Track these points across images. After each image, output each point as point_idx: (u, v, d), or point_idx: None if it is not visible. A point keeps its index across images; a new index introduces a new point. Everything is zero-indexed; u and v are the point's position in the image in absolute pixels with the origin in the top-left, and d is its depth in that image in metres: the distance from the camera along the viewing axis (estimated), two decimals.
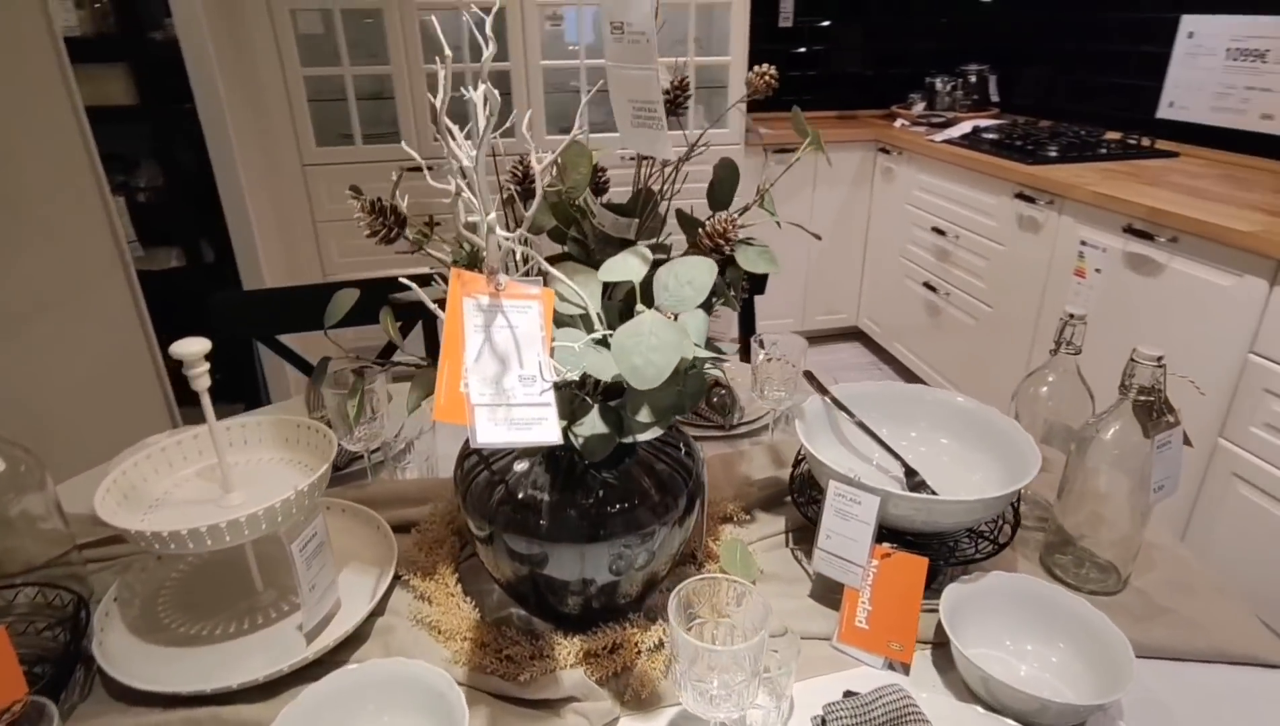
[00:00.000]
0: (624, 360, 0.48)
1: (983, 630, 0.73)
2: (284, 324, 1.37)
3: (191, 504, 0.75)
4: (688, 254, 0.70)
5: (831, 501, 0.75)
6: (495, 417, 0.48)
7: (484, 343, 0.50)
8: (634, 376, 0.48)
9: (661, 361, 0.48)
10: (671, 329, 0.49)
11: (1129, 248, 1.79)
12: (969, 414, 0.86)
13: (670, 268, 0.53)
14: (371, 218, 0.58)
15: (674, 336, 0.48)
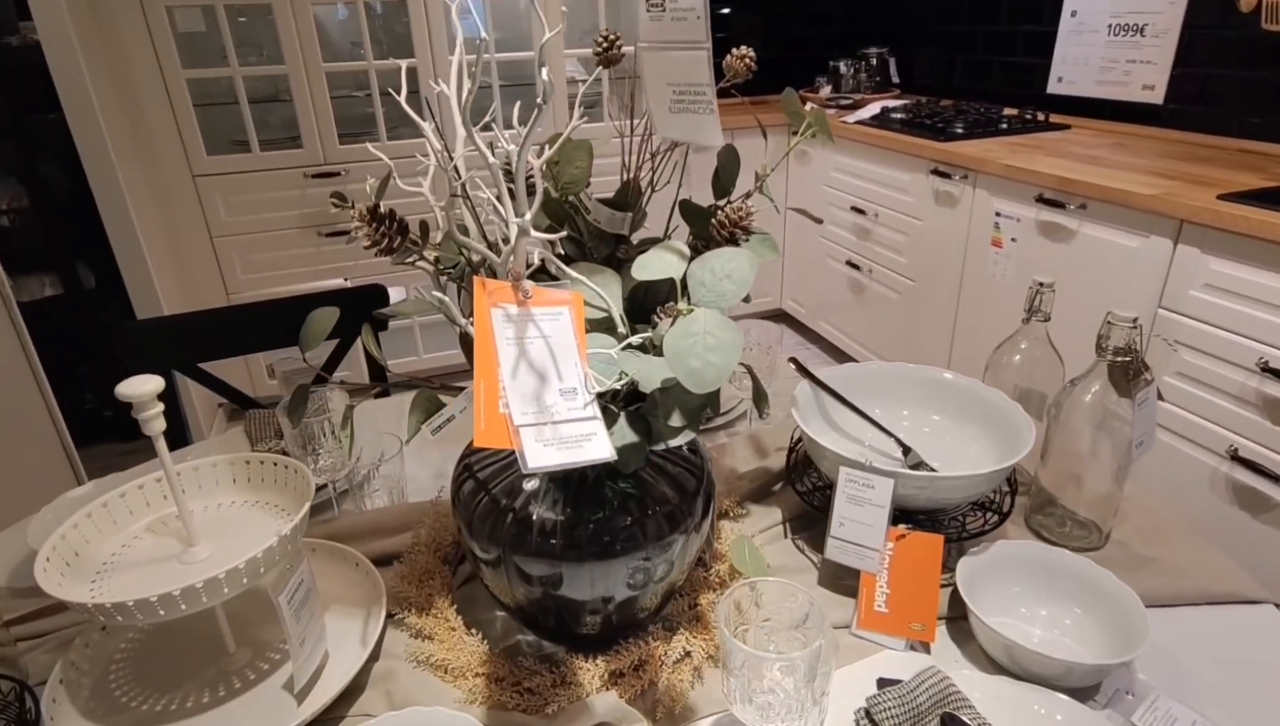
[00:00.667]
0: (679, 363, 0.45)
1: (996, 599, 0.74)
2: (205, 351, 1.25)
3: (149, 564, 0.66)
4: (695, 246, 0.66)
5: (843, 488, 0.74)
6: (543, 438, 0.44)
7: (518, 356, 0.45)
8: (691, 380, 0.45)
9: (721, 362, 0.45)
10: (728, 327, 0.46)
11: (1041, 216, 1.89)
12: (956, 389, 0.88)
13: (705, 262, 0.50)
14: (372, 227, 0.52)
15: (731, 335, 0.45)
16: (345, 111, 2.52)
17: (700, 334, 0.45)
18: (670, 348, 0.46)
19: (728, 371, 0.44)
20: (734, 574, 0.80)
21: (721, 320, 0.46)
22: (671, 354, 0.45)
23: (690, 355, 0.45)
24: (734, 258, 0.50)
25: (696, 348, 0.45)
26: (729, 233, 0.59)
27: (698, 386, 0.45)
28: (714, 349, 0.45)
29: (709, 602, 0.76)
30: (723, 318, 0.46)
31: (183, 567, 0.65)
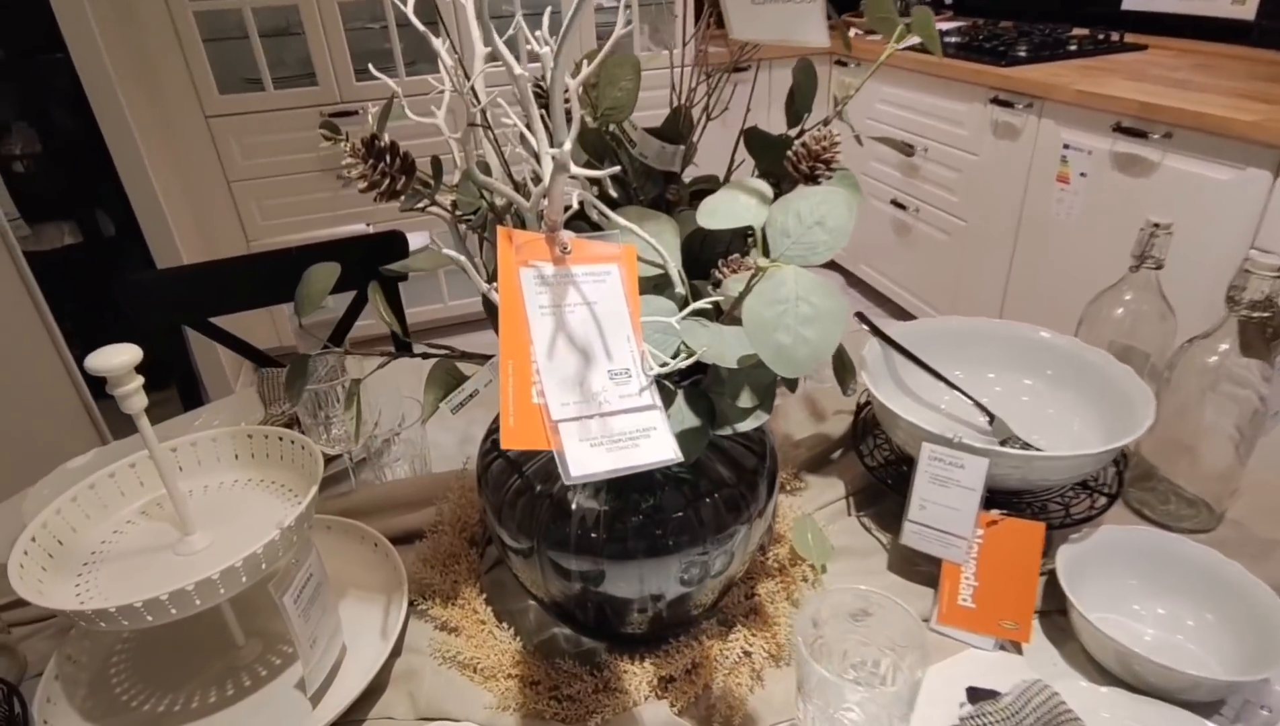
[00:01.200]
0: (764, 338, 0.35)
1: (1101, 593, 0.65)
2: (214, 305, 1.17)
3: (141, 554, 0.59)
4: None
5: (926, 467, 0.64)
6: (589, 435, 0.34)
7: (555, 329, 0.35)
8: (779, 360, 0.35)
9: (819, 338, 0.34)
10: (828, 292, 0.35)
11: (1117, 147, 1.71)
12: (1053, 349, 0.76)
13: (787, 205, 0.39)
14: (368, 165, 0.41)
15: (832, 303, 0.35)
16: (361, 45, 2.38)
17: (791, 301, 0.35)
18: (752, 317, 0.35)
19: (827, 351, 0.34)
20: (795, 559, 0.71)
21: (819, 283, 0.36)
22: (754, 325, 0.35)
23: (778, 328, 0.35)
24: (827, 198, 0.39)
25: (786, 318, 0.35)
26: (809, 168, 0.48)
27: (788, 368, 0.35)
28: (810, 321, 0.35)
29: (768, 592, 0.68)
30: (820, 279, 0.36)
31: (177, 560, 0.58)
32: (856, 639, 0.52)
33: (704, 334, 0.39)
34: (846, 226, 0.38)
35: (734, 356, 0.38)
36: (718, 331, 0.40)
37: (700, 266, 0.53)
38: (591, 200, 0.41)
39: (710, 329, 0.40)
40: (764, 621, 0.65)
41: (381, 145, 0.41)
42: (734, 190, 0.40)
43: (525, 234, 0.36)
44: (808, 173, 0.47)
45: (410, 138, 2.38)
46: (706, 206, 0.40)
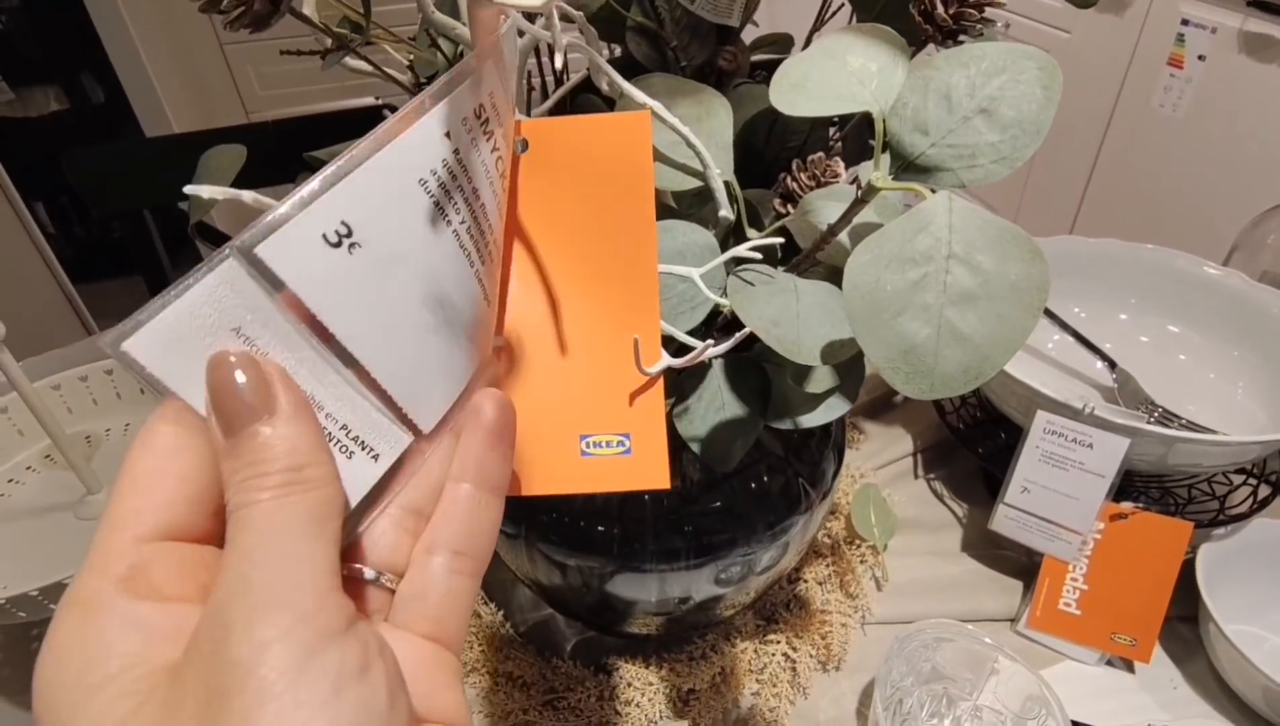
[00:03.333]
0: (878, 327, 0.18)
1: (1240, 601, 0.51)
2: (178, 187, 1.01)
3: (37, 516, 0.47)
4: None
5: (1038, 443, 0.49)
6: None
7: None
8: (905, 369, 0.19)
9: (986, 334, 0.18)
10: (1010, 243, 0.19)
11: (1249, 26, 1.43)
12: (1212, 287, 0.58)
13: (928, 76, 0.22)
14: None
15: (1020, 266, 0.18)
16: None
17: (938, 260, 0.18)
18: (859, 284, 0.19)
19: (998, 360, 0.18)
20: (852, 535, 0.58)
21: (994, 228, 0.19)
22: (860, 301, 0.19)
23: (909, 310, 0.18)
24: (1004, 65, 0.22)
25: (925, 294, 0.18)
26: (952, 16, 0.30)
27: (920, 385, 0.19)
28: (970, 299, 0.18)
29: (816, 578, 0.55)
30: (997, 222, 0.19)
31: (80, 525, 0.46)
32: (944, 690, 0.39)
33: (762, 294, 0.24)
34: (1039, 120, 0.21)
35: (817, 340, 0.23)
36: (787, 289, 0.24)
37: (765, 169, 0.37)
38: (598, 61, 0.24)
39: (774, 283, 0.24)
40: (811, 616, 0.53)
41: None
42: (839, 47, 0.23)
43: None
44: (948, 24, 0.30)
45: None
46: (789, 75, 0.23)
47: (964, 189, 0.23)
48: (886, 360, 0.19)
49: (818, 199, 0.29)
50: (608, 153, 0.20)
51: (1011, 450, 0.52)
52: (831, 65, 0.23)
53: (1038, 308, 0.18)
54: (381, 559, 0.18)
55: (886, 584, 0.56)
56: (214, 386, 0.15)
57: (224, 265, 0.15)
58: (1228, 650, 0.47)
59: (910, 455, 0.66)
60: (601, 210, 0.20)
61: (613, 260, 0.20)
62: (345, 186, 0.16)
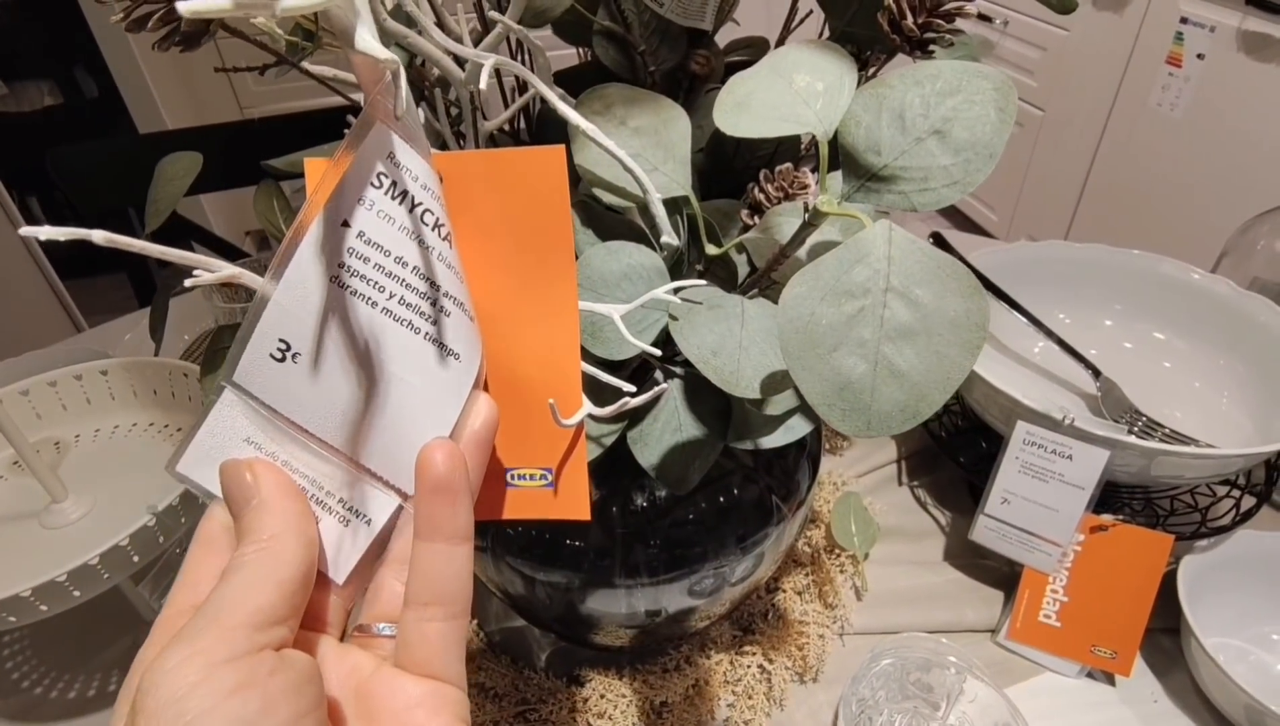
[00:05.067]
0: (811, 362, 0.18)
1: (1222, 614, 0.50)
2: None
3: (2, 525, 0.47)
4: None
5: (1018, 453, 0.48)
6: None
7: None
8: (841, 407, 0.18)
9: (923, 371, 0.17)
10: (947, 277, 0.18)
11: (1248, 25, 1.42)
12: (1198, 294, 0.57)
13: (881, 94, 0.21)
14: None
15: (959, 302, 0.18)
16: None
17: (876, 293, 0.18)
18: (794, 318, 0.18)
19: (935, 400, 0.18)
20: (832, 544, 0.57)
21: (934, 261, 0.19)
22: (795, 333, 0.18)
23: (844, 344, 0.18)
24: (958, 85, 0.21)
25: (863, 328, 0.18)
26: (918, 28, 0.29)
27: (856, 423, 0.18)
28: (908, 335, 0.17)
29: (794, 588, 0.54)
30: (937, 255, 0.19)
31: (45, 534, 0.45)
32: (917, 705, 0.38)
33: (706, 325, 0.23)
34: (992, 143, 0.21)
35: (757, 376, 0.22)
36: (735, 317, 0.24)
37: (735, 179, 0.36)
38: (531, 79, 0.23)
39: (720, 308, 0.24)
40: (788, 627, 0.52)
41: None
42: (786, 64, 0.22)
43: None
44: (915, 36, 0.29)
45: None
46: (734, 93, 0.22)
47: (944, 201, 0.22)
48: (821, 397, 0.18)
49: (779, 215, 0.28)
50: (523, 188, 0.19)
51: (993, 459, 0.51)
52: (778, 84, 0.22)
53: (977, 345, 0.18)
54: (384, 610, 0.21)
55: (866, 593, 0.55)
56: (223, 486, 0.19)
57: (224, 395, 0.19)
58: (1209, 665, 0.46)
59: (894, 462, 0.66)
60: (519, 247, 0.20)
61: (532, 299, 0.20)
62: (272, 308, 0.18)
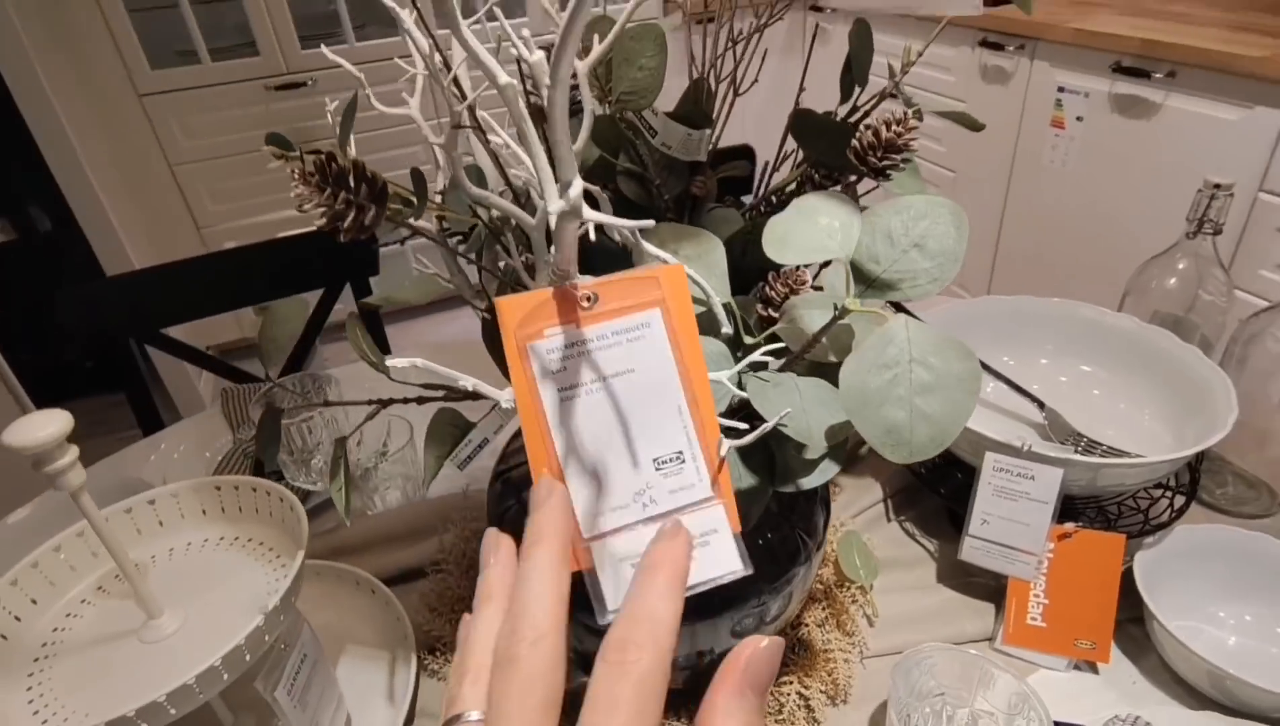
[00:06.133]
0: (869, 415, 0.27)
1: (1177, 600, 0.59)
2: (163, 315, 1.06)
3: (102, 645, 0.50)
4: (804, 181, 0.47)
5: (990, 479, 0.57)
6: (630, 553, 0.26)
7: (582, 419, 0.27)
8: (891, 443, 0.27)
9: (943, 413, 0.26)
10: (953, 350, 0.27)
11: (1116, 89, 1.64)
12: (1111, 331, 0.69)
13: (874, 222, 0.31)
14: (325, 195, 0.31)
15: (960, 365, 0.27)
16: (304, 9, 2.20)
17: (903, 364, 0.27)
18: (852, 387, 0.27)
19: (953, 430, 0.26)
20: (841, 579, 0.64)
21: (940, 339, 0.28)
22: (854, 398, 0.27)
23: (887, 401, 0.27)
24: (926, 212, 0.30)
25: (898, 388, 0.27)
26: (879, 158, 0.39)
27: (902, 452, 0.27)
28: (929, 389, 0.27)
29: (815, 620, 0.61)
30: (941, 334, 0.28)
31: (145, 649, 0.49)
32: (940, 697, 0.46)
33: (775, 393, 0.31)
34: (955, 250, 0.30)
35: (821, 426, 0.30)
36: (790, 387, 0.32)
37: (743, 278, 0.45)
38: (620, 225, 0.32)
39: (782, 385, 0.32)
40: (815, 656, 0.59)
41: (341, 167, 0.31)
42: (809, 209, 0.31)
43: (525, 299, 0.27)
44: (877, 166, 0.39)
45: (371, 131, 2.21)
46: (775, 231, 0.31)
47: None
48: (876, 438, 0.26)
49: (799, 307, 0.37)
50: (650, 296, 0.27)
51: (969, 487, 0.60)
52: (806, 224, 0.31)
53: (975, 392, 0.26)
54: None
55: (878, 619, 0.63)
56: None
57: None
58: (1172, 643, 0.55)
59: (881, 501, 0.74)
60: (675, 340, 0.28)
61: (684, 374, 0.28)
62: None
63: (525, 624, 0.22)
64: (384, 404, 0.45)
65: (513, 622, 0.23)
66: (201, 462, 0.85)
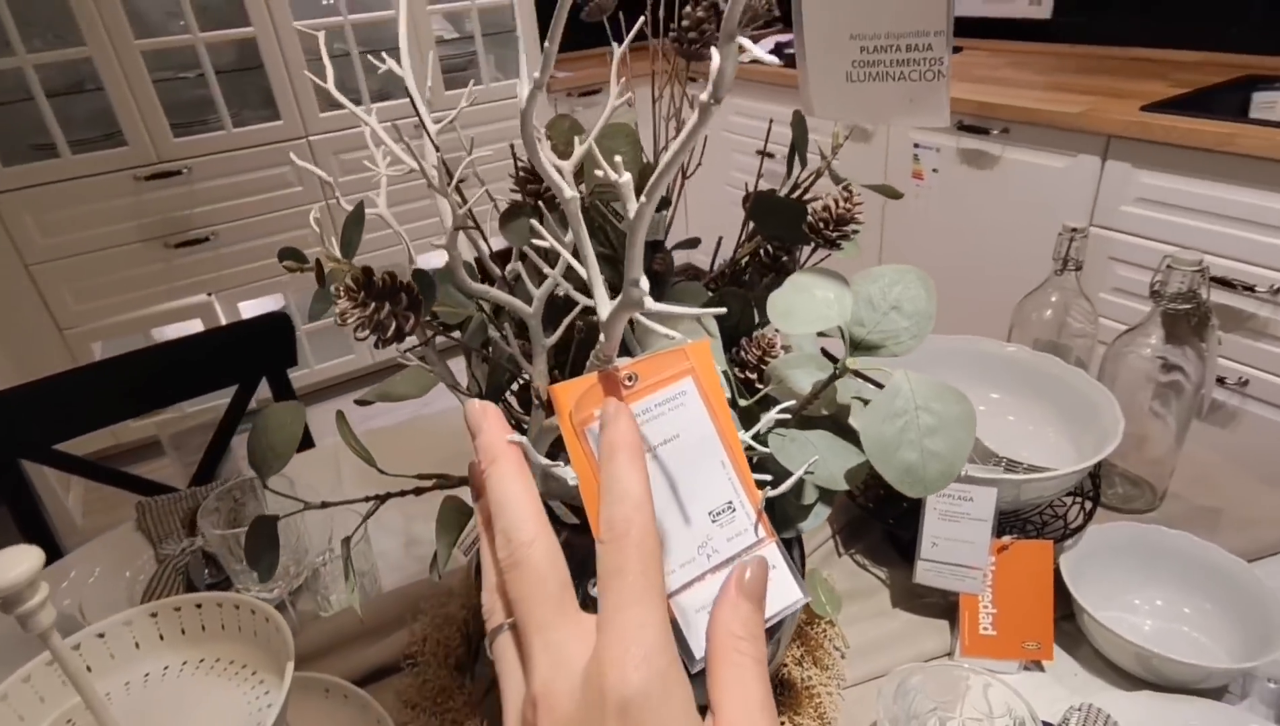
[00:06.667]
0: (889, 459, 0.31)
1: (1097, 593, 0.66)
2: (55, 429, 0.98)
3: None
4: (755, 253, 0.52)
5: (934, 504, 0.63)
6: (705, 603, 0.29)
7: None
8: (908, 481, 0.31)
9: (948, 450, 0.31)
10: (949, 395, 0.32)
11: (962, 144, 1.85)
12: (1006, 358, 0.78)
13: (857, 288, 0.36)
14: (369, 310, 0.33)
15: (956, 408, 0.31)
16: (174, 97, 2.13)
17: (910, 412, 0.31)
18: (872, 436, 0.31)
19: (958, 464, 0.31)
20: (810, 617, 0.68)
21: (937, 386, 0.32)
22: (875, 445, 0.31)
23: (902, 446, 0.31)
24: (898, 279, 0.36)
25: (909, 433, 0.31)
26: (833, 230, 0.44)
27: (918, 488, 0.31)
28: (934, 431, 0.31)
29: (793, 659, 0.64)
30: (937, 382, 0.32)
31: None
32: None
33: (793, 447, 0.35)
34: (928, 309, 0.35)
35: (840, 470, 0.34)
36: (804, 441, 0.36)
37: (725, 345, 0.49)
38: (680, 313, 0.35)
39: (797, 439, 0.36)
40: (800, 694, 0.61)
41: (382, 282, 0.33)
42: (805, 285, 0.36)
43: (579, 384, 0.30)
44: (831, 237, 0.44)
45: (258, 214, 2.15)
46: (779, 306, 0.35)
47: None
48: (896, 478, 0.31)
49: (785, 367, 0.41)
50: (691, 368, 0.31)
51: (913, 514, 0.66)
52: (805, 298, 0.35)
53: (973, 429, 0.31)
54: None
55: (848, 650, 0.66)
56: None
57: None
58: (1102, 632, 0.62)
59: (831, 537, 0.79)
60: (710, 410, 0.31)
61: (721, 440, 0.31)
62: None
63: (516, 534, 0.25)
64: (382, 499, 0.45)
65: (505, 535, 0.26)
66: (123, 584, 0.79)
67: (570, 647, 0.24)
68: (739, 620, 0.26)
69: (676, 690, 0.23)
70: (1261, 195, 1.38)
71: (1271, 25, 1.78)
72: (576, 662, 0.23)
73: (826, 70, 0.41)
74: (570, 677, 0.23)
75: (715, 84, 0.21)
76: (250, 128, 2.18)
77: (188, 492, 0.90)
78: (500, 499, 0.26)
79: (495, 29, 2.52)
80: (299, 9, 2.15)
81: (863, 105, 0.42)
